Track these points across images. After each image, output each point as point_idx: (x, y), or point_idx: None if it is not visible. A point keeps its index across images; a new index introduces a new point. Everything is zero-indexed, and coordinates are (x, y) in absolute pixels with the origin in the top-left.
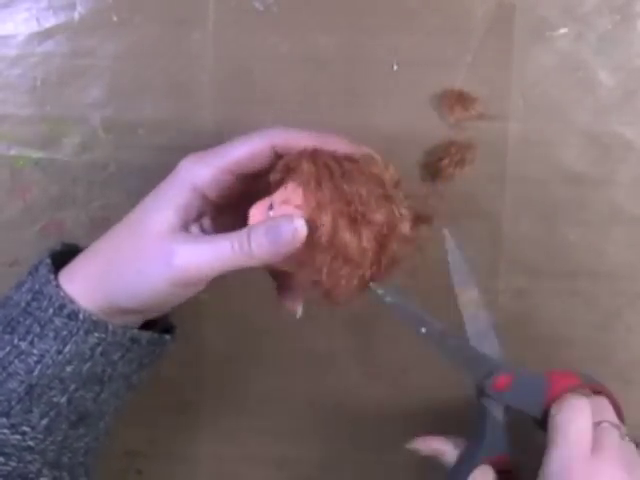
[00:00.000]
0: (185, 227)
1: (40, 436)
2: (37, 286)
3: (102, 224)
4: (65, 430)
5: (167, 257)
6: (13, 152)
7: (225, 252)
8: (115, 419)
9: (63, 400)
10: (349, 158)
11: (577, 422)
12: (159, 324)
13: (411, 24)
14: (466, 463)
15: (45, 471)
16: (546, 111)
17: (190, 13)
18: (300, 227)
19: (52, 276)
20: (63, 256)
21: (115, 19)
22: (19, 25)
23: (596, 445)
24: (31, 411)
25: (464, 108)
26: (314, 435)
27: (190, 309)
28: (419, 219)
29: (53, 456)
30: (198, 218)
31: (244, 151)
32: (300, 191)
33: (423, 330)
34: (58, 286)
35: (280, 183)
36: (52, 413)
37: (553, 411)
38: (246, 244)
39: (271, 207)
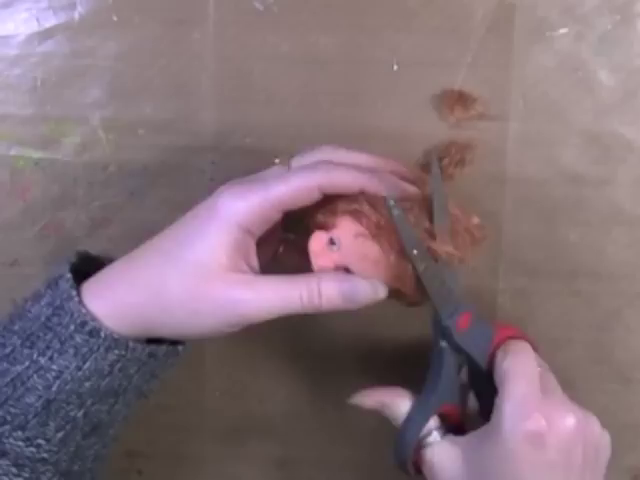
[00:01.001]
0: (236, 265)
1: (54, 448)
2: (58, 301)
3: (102, 224)
4: (78, 441)
5: (230, 303)
6: (13, 152)
7: (293, 302)
8: (123, 425)
9: (79, 414)
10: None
11: (529, 363)
12: None
13: (411, 24)
14: (420, 411)
15: None
16: (546, 111)
17: (190, 13)
18: (382, 293)
19: (74, 292)
20: (79, 265)
21: (115, 19)
22: (19, 25)
23: (543, 386)
24: (47, 425)
25: (464, 108)
26: (314, 435)
27: None
28: None
29: (65, 466)
30: (246, 256)
31: (289, 190)
32: (376, 246)
33: (415, 252)
34: (80, 302)
35: (334, 220)
36: (68, 427)
37: (501, 355)
38: (317, 298)
39: (331, 242)
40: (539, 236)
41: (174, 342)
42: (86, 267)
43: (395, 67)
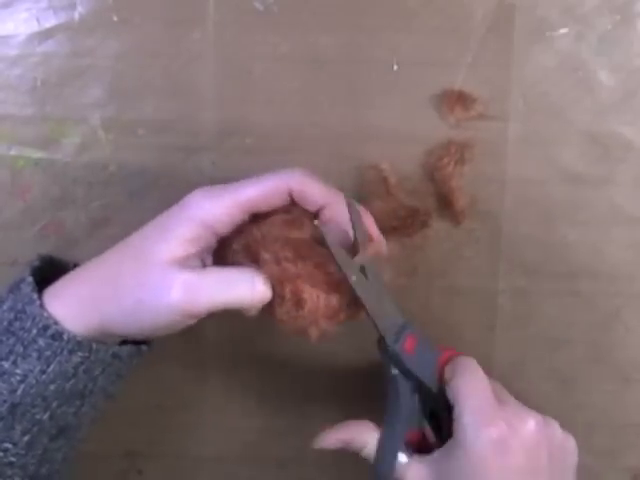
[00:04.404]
0: (188, 260)
1: (22, 452)
2: (20, 305)
3: (102, 224)
4: (45, 444)
5: (172, 289)
6: (13, 152)
7: (239, 295)
8: (90, 427)
9: (45, 417)
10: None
11: (479, 375)
12: None
13: (411, 24)
14: (389, 445)
15: None
16: (546, 111)
17: (190, 13)
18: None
19: (35, 295)
20: (43, 269)
21: (115, 19)
22: (19, 25)
23: (497, 396)
24: (13, 428)
25: (464, 108)
26: (314, 435)
27: None
28: (418, 219)
29: (33, 469)
30: (202, 252)
31: (258, 190)
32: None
33: (354, 278)
34: (42, 306)
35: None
36: (34, 430)
37: (449, 372)
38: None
39: None
40: (539, 236)
41: (137, 342)
42: (53, 272)
43: (395, 67)
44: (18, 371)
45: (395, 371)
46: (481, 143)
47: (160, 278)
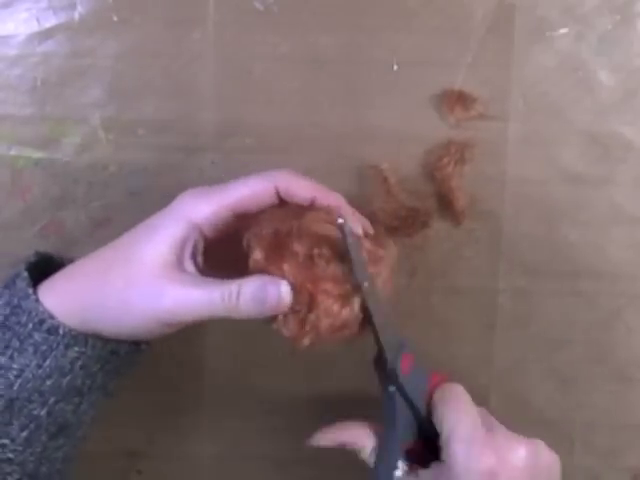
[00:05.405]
0: (179, 262)
1: (20, 448)
2: (15, 300)
3: (102, 224)
4: (44, 442)
5: (157, 296)
6: (13, 152)
7: (215, 302)
8: (91, 426)
9: (43, 413)
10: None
11: (468, 403)
12: None
13: (411, 24)
14: (386, 459)
15: None
16: (546, 111)
17: (190, 13)
18: (285, 292)
19: (30, 290)
20: (39, 266)
21: (115, 19)
22: (19, 25)
23: (485, 423)
24: (11, 424)
25: (464, 108)
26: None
27: None
28: (418, 219)
29: (32, 467)
30: (193, 254)
31: (247, 190)
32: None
33: (365, 284)
34: (37, 300)
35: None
36: (32, 425)
37: (438, 399)
38: (234, 299)
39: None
40: (539, 236)
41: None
42: (49, 268)
43: (395, 67)
44: (15, 366)
45: (392, 388)
46: (481, 143)
47: (148, 284)
